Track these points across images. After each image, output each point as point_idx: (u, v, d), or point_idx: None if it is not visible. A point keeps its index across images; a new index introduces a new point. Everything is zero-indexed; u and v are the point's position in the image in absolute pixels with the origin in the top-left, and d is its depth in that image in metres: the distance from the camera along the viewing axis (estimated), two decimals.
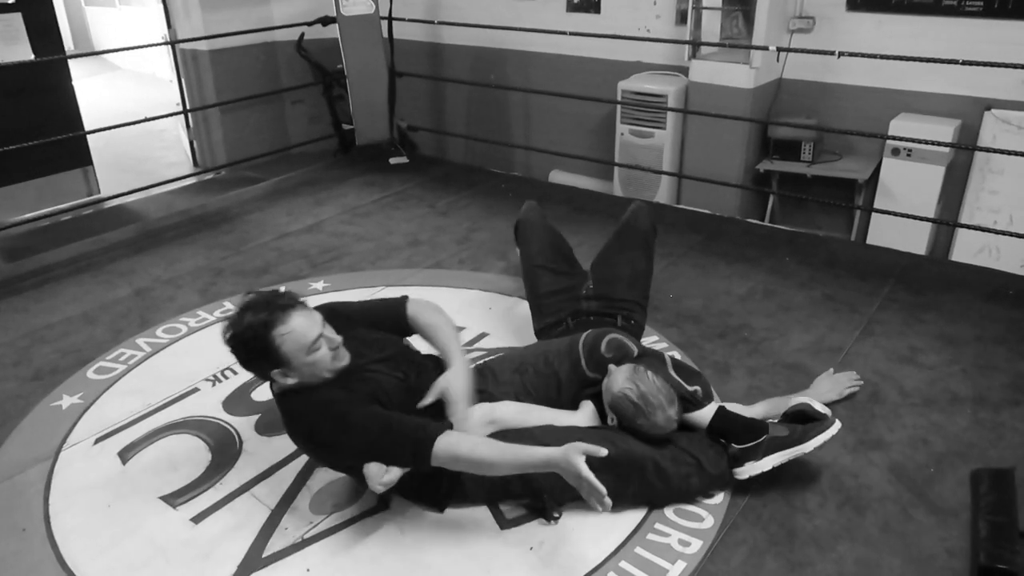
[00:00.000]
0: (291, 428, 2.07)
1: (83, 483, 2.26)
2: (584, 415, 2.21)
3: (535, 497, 2.09)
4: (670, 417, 2.09)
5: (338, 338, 2.01)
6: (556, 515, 2.08)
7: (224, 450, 2.37)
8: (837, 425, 2.11)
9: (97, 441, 2.45)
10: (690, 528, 2.04)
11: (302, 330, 1.93)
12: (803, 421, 2.18)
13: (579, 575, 1.91)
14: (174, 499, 2.19)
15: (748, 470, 2.09)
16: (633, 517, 2.08)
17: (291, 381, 1.98)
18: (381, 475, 1.90)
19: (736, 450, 2.12)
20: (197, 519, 2.11)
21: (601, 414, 2.20)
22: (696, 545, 1.99)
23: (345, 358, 2.03)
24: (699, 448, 2.14)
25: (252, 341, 1.92)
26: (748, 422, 2.20)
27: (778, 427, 2.16)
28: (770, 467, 2.07)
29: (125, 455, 2.38)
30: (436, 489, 2.09)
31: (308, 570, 1.94)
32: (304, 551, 2.00)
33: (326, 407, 1.96)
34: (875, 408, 2.52)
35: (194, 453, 2.37)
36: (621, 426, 2.13)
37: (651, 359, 2.24)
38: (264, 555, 1.99)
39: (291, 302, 1.98)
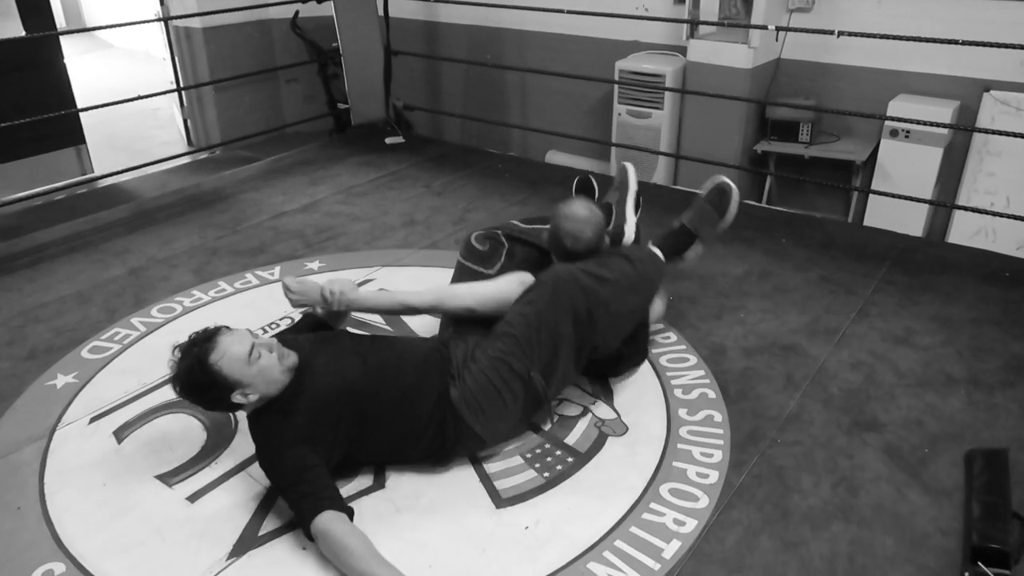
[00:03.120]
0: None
1: (78, 462, 2.26)
2: (510, 279, 2.32)
3: (524, 381, 2.12)
4: (573, 214, 2.38)
5: (273, 341, 2.06)
6: (554, 416, 2.20)
7: (219, 429, 2.37)
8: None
9: (92, 420, 2.44)
10: (685, 508, 2.05)
11: (234, 347, 1.97)
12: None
13: (574, 554, 1.91)
14: (170, 478, 2.19)
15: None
16: (628, 497, 2.09)
17: (253, 396, 2.00)
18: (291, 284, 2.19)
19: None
20: (193, 498, 2.11)
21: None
22: (691, 525, 1.99)
23: (291, 356, 2.04)
24: (625, 250, 2.32)
25: (197, 378, 1.96)
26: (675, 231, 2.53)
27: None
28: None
29: (120, 434, 2.37)
30: (442, 444, 2.12)
31: (304, 548, 1.94)
32: (300, 530, 2.00)
33: (270, 437, 2.01)
34: (870, 389, 2.53)
35: (189, 432, 2.37)
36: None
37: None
38: (260, 533, 1.99)
39: (213, 331, 2.03)
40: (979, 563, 1.83)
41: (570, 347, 2.18)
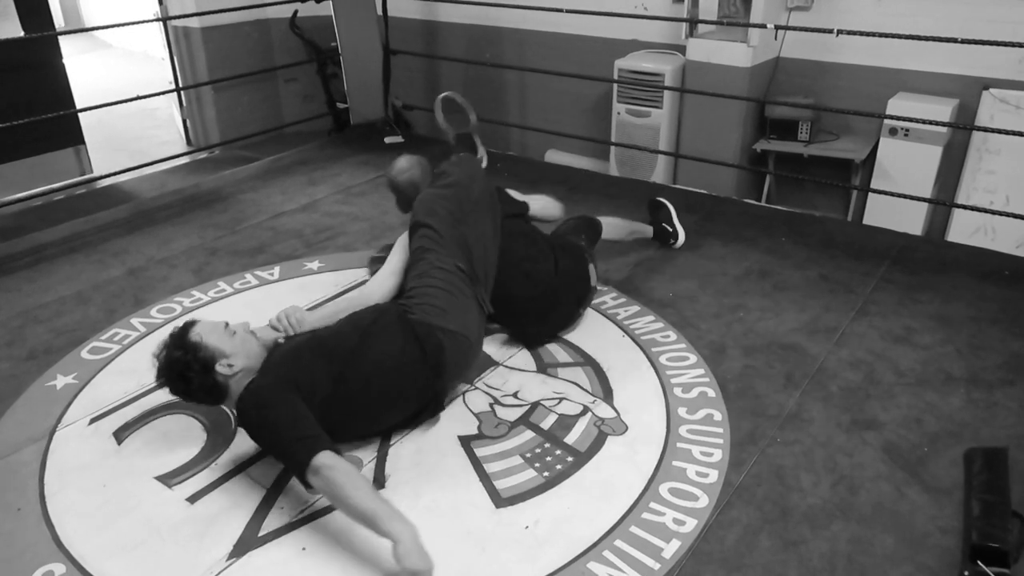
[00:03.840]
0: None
1: (78, 463, 2.26)
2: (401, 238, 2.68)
3: (457, 274, 2.39)
4: (400, 168, 2.99)
5: (247, 323, 2.26)
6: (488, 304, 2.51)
7: (219, 430, 2.37)
8: None
9: (92, 421, 2.44)
10: (685, 507, 2.05)
11: (209, 323, 2.15)
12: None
13: (574, 553, 1.92)
14: (169, 479, 2.19)
15: None
16: (628, 496, 2.09)
17: (237, 365, 2.08)
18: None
19: None
20: (193, 499, 2.11)
21: None
22: (691, 524, 2.00)
23: (267, 338, 2.29)
24: (445, 164, 2.80)
25: (180, 354, 2.06)
26: None
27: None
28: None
29: (120, 435, 2.37)
30: (423, 359, 2.23)
31: (304, 549, 1.95)
32: (300, 530, 2.00)
33: (255, 400, 2.04)
34: (869, 388, 2.53)
35: (189, 433, 2.37)
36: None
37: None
38: (260, 534, 1.99)
39: (188, 321, 2.17)
40: (978, 562, 1.83)
41: (472, 236, 2.50)
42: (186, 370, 2.06)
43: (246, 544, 1.96)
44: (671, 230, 3.47)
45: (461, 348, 2.32)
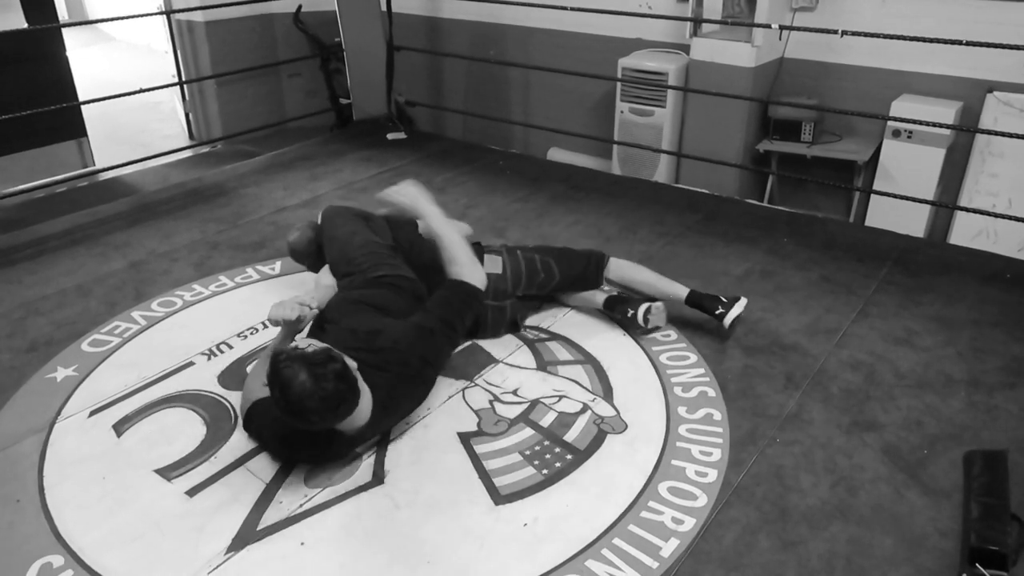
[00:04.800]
0: (400, 392, 2.23)
1: (78, 455, 2.26)
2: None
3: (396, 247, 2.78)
4: (297, 237, 2.96)
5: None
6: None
7: (219, 424, 2.37)
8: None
9: (92, 414, 2.44)
10: (683, 506, 2.05)
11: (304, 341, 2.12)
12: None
13: (573, 551, 1.92)
14: (169, 472, 2.19)
15: None
16: (627, 495, 2.09)
17: (352, 363, 2.02)
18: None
19: None
20: (192, 492, 2.12)
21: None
22: (689, 523, 2.00)
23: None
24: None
25: (338, 367, 1.93)
26: None
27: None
28: None
29: (120, 428, 2.37)
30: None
31: (302, 543, 1.95)
32: (298, 525, 2.00)
33: (401, 344, 2.23)
34: (870, 389, 2.53)
35: (189, 427, 2.37)
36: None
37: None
38: (258, 528, 1.99)
39: (297, 352, 1.97)
40: (977, 564, 1.83)
41: (376, 226, 2.83)
42: (340, 377, 1.93)
43: (245, 538, 1.96)
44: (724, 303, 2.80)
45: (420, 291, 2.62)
